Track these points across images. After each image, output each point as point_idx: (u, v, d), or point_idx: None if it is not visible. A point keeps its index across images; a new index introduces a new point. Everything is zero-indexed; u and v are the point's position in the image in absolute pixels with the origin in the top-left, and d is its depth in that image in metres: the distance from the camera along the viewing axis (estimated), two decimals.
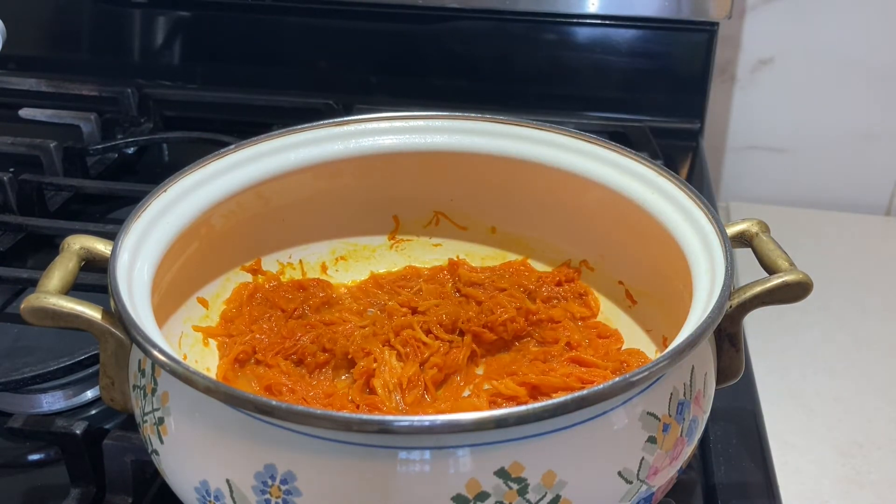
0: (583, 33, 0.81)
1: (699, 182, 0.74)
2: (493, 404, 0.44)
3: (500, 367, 0.47)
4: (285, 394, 0.44)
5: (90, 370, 0.48)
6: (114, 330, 0.37)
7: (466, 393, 0.46)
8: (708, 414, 0.38)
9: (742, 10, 0.82)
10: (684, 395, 0.35)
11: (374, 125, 0.50)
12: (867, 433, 0.58)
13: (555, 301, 0.51)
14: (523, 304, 0.49)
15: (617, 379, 0.31)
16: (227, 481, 0.32)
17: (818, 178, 0.88)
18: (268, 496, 0.32)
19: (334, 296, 0.52)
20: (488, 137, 0.50)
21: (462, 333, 0.48)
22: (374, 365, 0.45)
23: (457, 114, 0.51)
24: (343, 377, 0.47)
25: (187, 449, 0.34)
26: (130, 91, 0.81)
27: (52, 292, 0.36)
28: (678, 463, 0.35)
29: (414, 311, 0.50)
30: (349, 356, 0.46)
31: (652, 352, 0.47)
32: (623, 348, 0.48)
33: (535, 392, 0.44)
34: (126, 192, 0.69)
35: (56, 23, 0.92)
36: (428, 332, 0.48)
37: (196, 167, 0.45)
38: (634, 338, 0.49)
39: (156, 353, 0.32)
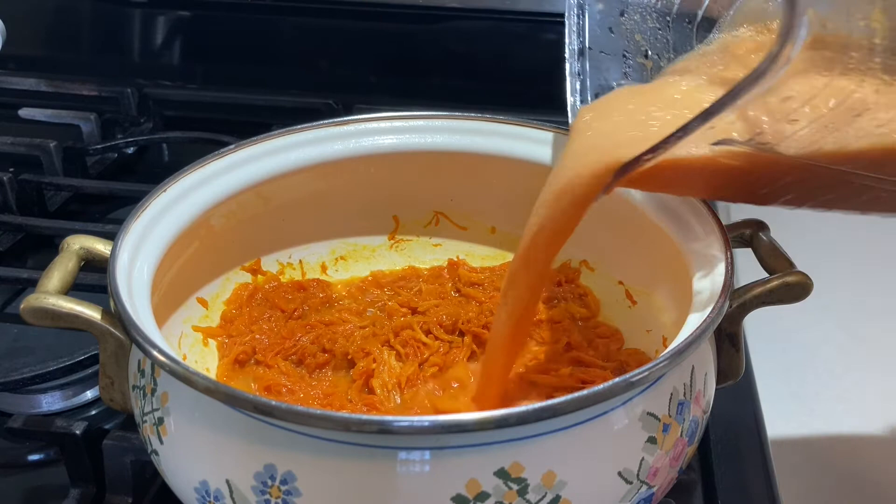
0: None
1: None
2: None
3: None
4: (284, 394, 0.44)
5: (90, 370, 0.49)
6: (113, 330, 0.37)
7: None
8: (708, 414, 0.38)
9: None
10: (684, 395, 0.35)
11: (374, 125, 0.50)
12: (867, 433, 0.58)
13: (555, 301, 0.51)
14: None
15: (617, 379, 0.31)
16: (227, 481, 0.32)
17: None
18: (267, 496, 0.32)
19: (334, 296, 0.52)
20: (488, 137, 0.50)
21: (462, 334, 0.48)
22: (374, 365, 0.45)
23: (457, 114, 0.51)
24: (343, 377, 0.47)
25: (187, 449, 0.34)
26: (130, 91, 0.81)
27: (51, 292, 0.36)
28: (678, 463, 0.35)
29: (414, 312, 0.50)
30: (349, 357, 0.46)
31: (652, 352, 0.47)
32: (623, 348, 0.48)
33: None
34: (126, 192, 0.69)
35: (56, 23, 0.92)
36: (428, 332, 0.48)
37: (196, 167, 0.45)
38: (634, 338, 0.49)
39: (155, 353, 0.32)
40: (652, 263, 0.47)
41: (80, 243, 0.39)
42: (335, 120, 0.50)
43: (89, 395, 0.50)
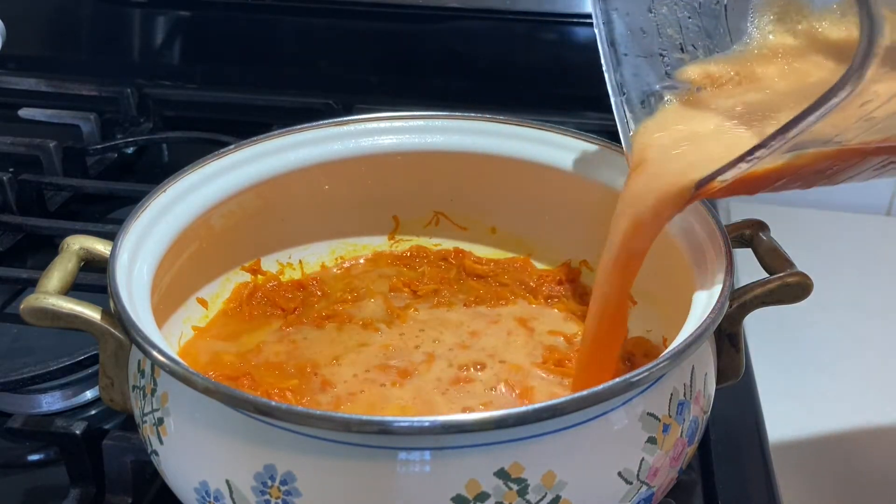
0: (583, 33, 0.81)
1: None
2: None
3: None
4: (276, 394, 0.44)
5: (90, 370, 0.49)
6: (113, 330, 0.37)
7: None
8: (708, 414, 0.38)
9: None
10: (684, 395, 0.35)
11: (374, 125, 0.50)
12: (867, 433, 0.58)
13: (555, 299, 0.51)
14: (525, 298, 0.50)
15: (617, 379, 0.31)
16: (227, 482, 0.32)
17: None
18: (267, 497, 0.32)
19: (329, 292, 0.52)
20: (488, 137, 0.50)
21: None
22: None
23: (456, 114, 0.51)
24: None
25: (187, 449, 0.34)
26: (130, 91, 0.80)
27: (51, 293, 0.36)
28: (678, 463, 0.35)
29: (415, 294, 0.51)
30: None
31: None
32: (627, 338, 0.48)
33: None
34: (126, 192, 0.69)
35: (56, 23, 0.92)
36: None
37: (196, 167, 0.45)
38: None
39: (155, 353, 0.32)
40: (652, 263, 0.47)
41: (80, 243, 0.39)
42: (335, 120, 0.50)
43: (89, 395, 0.50)
